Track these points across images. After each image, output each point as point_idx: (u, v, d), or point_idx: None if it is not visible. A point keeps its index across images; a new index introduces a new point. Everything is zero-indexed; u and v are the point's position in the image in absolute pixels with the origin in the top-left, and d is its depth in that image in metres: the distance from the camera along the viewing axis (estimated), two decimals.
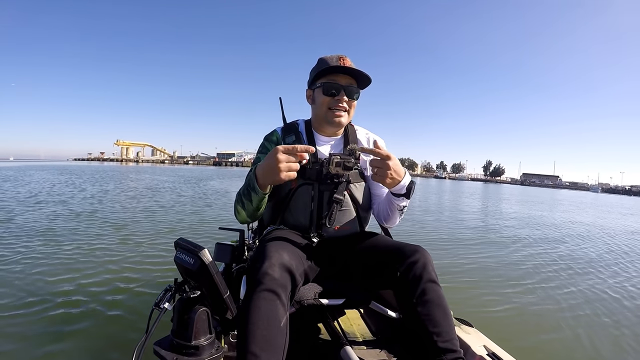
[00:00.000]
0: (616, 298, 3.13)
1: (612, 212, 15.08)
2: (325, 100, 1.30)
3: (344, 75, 1.29)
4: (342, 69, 1.27)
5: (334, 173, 1.25)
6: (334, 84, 1.28)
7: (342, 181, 1.29)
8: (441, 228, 6.55)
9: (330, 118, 1.32)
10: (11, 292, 2.44)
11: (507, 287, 3.22)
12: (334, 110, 1.30)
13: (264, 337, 0.91)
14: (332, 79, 1.29)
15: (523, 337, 2.26)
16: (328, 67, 1.26)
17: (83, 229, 4.66)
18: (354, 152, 1.33)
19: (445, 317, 1.05)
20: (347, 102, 1.31)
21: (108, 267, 3.08)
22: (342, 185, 1.29)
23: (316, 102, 1.35)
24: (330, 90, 1.29)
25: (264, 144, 1.41)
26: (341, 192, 1.28)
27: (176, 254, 1.04)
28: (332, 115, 1.31)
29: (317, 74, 1.30)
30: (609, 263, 4.60)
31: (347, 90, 1.29)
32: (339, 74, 1.29)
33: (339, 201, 1.27)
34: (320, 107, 1.33)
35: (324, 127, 1.38)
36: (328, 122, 1.34)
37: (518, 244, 5.47)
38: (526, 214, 11.06)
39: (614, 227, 8.94)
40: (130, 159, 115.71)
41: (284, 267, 1.02)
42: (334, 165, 1.23)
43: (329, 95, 1.29)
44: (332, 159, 1.23)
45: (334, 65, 1.26)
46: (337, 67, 1.26)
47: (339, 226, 1.33)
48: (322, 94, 1.30)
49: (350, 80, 1.30)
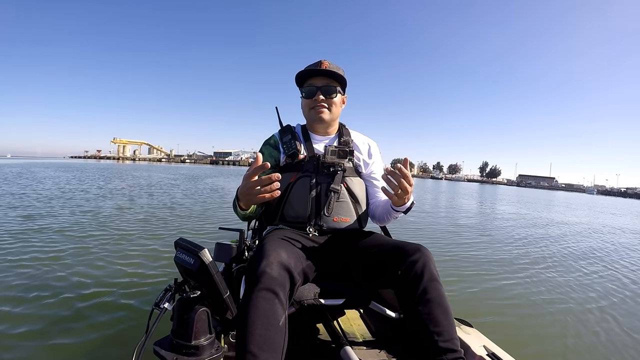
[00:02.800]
0: (617, 297, 3.14)
1: (611, 213, 15.18)
2: (307, 103, 1.45)
3: (320, 77, 1.41)
4: (314, 72, 1.41)
5: (330, 162, 1.35)
6: (310, 87, 1.42)
7: (338, 171, 1.36)
8: (440, 228, 6.56)
9: (314, 116, 1.44)
10: (10, 292, 2.42)
11: (507, 287, 3.23)
12: (315, 109, 1.42)
13: (262, 336, 0.91)
14: (309, 84, 1.43)
15: (523, 337, 2.26)
16: (301, 74, 1.43)
17: (83, 229, 4.62)
18: (348, 143, 1.46)
19: (446, 316, 1.05)
20: (326, 101, 1.42)
21: (108, 267, 3.06)
22: (338, 176, 1.36)
23: (302, 106, 1.49)
24: (309, 93, 1.43)
25: (262, 149, 1.49)
26: (338, 183, 1.35)
27: (176, 254, 1.03)
28: (315, 113, 1.43)
29: (299, 82, 1.46)
30: (609, 262, 4.63)
31: (323, 90, 1.41)
32: (315, 77, 1.42)
33: (336, 190, 1.34)
34: (304, 110, 1.48)
35: (314, 127, 1.49)
36: (313, 120, 1.46)
37: (517, 244, 5.49)
38: (524, 214, 11.13)
39: (612, 226, 8.99)
40: (127, 157, 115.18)
41: (282, 266, 1.02)
42: (329, 154, 1.34)
43: (308, 98, 1.43)
44: (328, 148, 1.34)
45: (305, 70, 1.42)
46: (311, 71, 1.41)
47: (337, 217, 1.35)
48: (304, 98, 1.45)
49: (327, 80, 1.42)
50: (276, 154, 1.45)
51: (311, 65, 1.44)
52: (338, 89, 1.43)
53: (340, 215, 1.35)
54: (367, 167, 1.49)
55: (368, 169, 1.49)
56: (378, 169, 1.51)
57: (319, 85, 1.40)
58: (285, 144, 1.43)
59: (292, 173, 1.37)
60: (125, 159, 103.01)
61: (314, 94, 1.41)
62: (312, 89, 1.41)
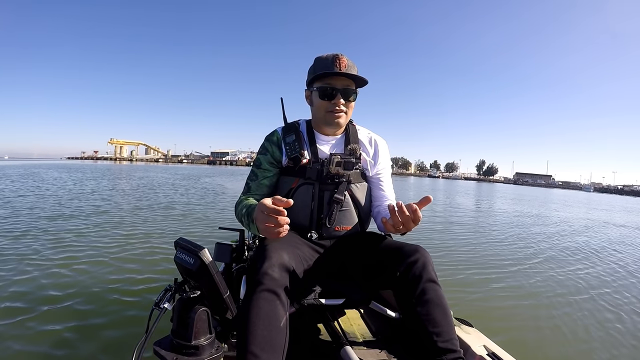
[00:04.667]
0: (617, 297, 3.15)
1: (608, 210, 15.24)
2: (323, 104, 1.30)
3: (341, 77, 1.28)
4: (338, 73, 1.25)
5: (334, 173, 1.26)
6: (330, 88, 1.28)
7: (343, 181, 1.29)
8: (440, 228, 6.55)
9: (330, 120, 1.32)
10: (10, 292, 2.41)
11: (507, 286, 3.23)
12: (332, 113, 1.30)
13: (264, 337, 0.90)
14: (328, 82, 1.28)
15: (523, 337, 2.26)
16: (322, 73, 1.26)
17: (82, 228, 4.61)
18: (355, 151, 1.34)
19: (445, 317, 1.05)
20: (345, 104, 1.30)
21: (107, 267, 3.05)
22: (343, 185, 1.29)
23: (314, 105, 1.36)
24: (327, 94, 1.28)
25: (264, 144, 1.40)
26: (342, 192, 1.28)
27: (176, 254, 1.03)
28: (331, 117, 1.31)
29: (313, 77, 1.30)
30: (610, 262, 4.63)
31: (343, 93, 1.28)
32: (335, 76, 1.28)
33: (339, 201, 1.27)
34: (318, 110, 1.33)
35: (323, 128, 1.38)
36: (327, 124, 1.34)
37: (517, 243, 5.49)
38: (522, 212, 11.15)
39: (611, 223, 9.02)
40: (124, 157, 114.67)
41: (283, 267, 1.02)
42: (334, 165, 1.25)
43: (325, 99, 1.29)
44: (333, 158, 1.25)
45: (329, 68, 1.25)
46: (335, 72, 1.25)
47: (339, 227, 1.32)
48: (319, 97, 1.30)
49: (346, 81, 1.29)
50: (278, 154, 1.36)
51: (327, 57, 1.28)
52: (357, 93, 1.33)
53: (342, 224, 1.32)
54: (373, 168, 1.41)
55: (374, 169, 1.41)
56: (385, 170, 1.44)
57: (339, 87, 1.27)
58: (289, 145, 1.33)
59: (294, 178, 1.32)
60: (122, 160, 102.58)
61: (333, 96, 1.28)
62: (332, 90, 1.28)
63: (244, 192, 1.37)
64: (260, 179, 1.36)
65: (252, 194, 1.35)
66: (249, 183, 1.37)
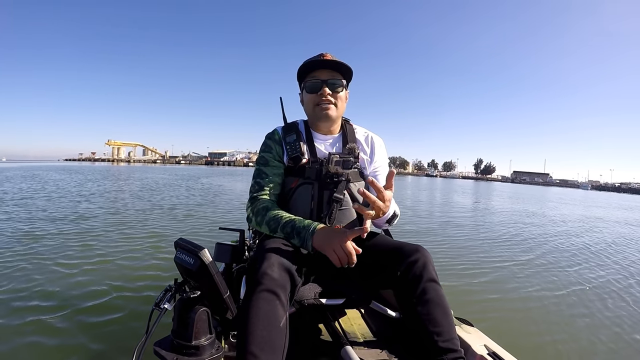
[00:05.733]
0: (617, 297, 3.15)
1: (605, 207, 15.30)
2: (311, 98, 1.33)
3: (325, 70, 1.31)
4: (320, 64, 1.30)
5: (333, 172, 1.27)
6: (315, 81, 1.31)
7: (342, 180, 1.29)
8: (439, 228, 6.56)
9: (319, 113, 1.33)
10: (9, 292, 2.41)
11: (507, 286, 3.23)
12: (321, 105, 1.32)
13: (263, 337, 0.90)
14: (313, 76, 1.32)
15: (524, 336, 2.27)
16: (306, 64, 1.31)
17: (82, 228, 4.61)
18: (353, 150, 1.34)
19: (446, 316, 1.05)
20: (332, 95, 1.32)
21: (107, 267, 3.05)
22: (342, 184, 1.28)
23: (305, 102, 1.38)
24: (313, 87, 1.32)
25: (267, 143, 1.38)
26: (341, 192, 1.28)
27: (176, 254, 1.03)
28: (320, 110, 1.32)
29: (300, 75, 1.35)
30: (610, 261, 4.64)
31: (329, 84, 1.31)
32: (319, 70, 1.31)
33: (338, 200, 1.27)
34: (308, 106, 1.36)
35: (318, 124, 1.39)
36: (318, 118, 1.35)
37: (517, 242, 5.50)
38: (521, 211, 11.18)
39: (610, 221, 9.05)
40: (122, 159, 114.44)
41: (283, 267, 1.02)
42: (333, 164, 1.26)
43: (313, 93, 1.32)
44: (332, 157, 1.27)
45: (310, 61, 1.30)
46: (317, 62, 1.30)
47: (339, 226, 1.31)
48: (307, 93, 1.34)
49: (332, 73, 1.31)
50: (280, 152, 1.36)
51: (312, 57, 1.32)
52: (344, 83, 1.34)
53: (342, 223, 1.31)
54: (370, 165, 1.41)
55: (371, 167, 1.42)
56: (382, 168, 1.44)
57: (324, 78, 1.30)
58: (289, 145, 1.33)
59: (294, 178, 1.32)
60: (120, 161, 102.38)
61: (319, 88, 1.30)
62: (316, 83, 1.30)
63: (255, 191, 1.32)
64: (272, 176, 1.33)
65: (265, 193, 1.31)
66: (259, 182, 1.33)
